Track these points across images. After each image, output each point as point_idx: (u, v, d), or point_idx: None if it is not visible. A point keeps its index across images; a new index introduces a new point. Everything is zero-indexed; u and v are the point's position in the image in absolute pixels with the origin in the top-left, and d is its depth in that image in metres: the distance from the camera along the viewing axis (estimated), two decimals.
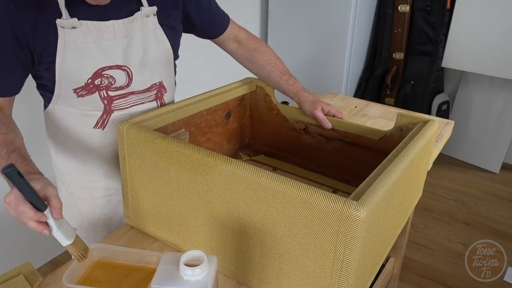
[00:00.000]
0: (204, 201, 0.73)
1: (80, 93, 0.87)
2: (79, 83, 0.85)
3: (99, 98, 0.88)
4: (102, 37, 0.84)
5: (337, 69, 2.54)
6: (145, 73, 0.92)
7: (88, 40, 0.82)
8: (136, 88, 0.92)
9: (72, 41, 0.81)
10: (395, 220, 0.79)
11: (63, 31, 0.79)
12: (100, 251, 0.77)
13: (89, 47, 0.83)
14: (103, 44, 0.84)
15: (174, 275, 0.57)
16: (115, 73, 0.87)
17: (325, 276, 0.63)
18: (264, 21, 2.79)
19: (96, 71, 0.85)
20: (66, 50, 0.81)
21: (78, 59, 0.82)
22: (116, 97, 0.90)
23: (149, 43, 0.90)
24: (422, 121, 0.91)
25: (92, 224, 1.04)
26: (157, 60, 0.94)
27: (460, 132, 2.79)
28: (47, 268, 1.84)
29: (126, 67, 0.88)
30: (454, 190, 2.56)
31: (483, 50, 2.44)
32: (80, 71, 0.84)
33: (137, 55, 0.89)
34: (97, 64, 0.85)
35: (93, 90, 0.87)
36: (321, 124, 1.02)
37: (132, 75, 0.90)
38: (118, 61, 0.87)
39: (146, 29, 0.89)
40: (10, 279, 0.73)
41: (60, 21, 0.78)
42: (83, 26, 0.81)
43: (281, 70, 1.10)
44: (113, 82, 0.88)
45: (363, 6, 2.45)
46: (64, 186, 1.02)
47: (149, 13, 0.89)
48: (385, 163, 0.72)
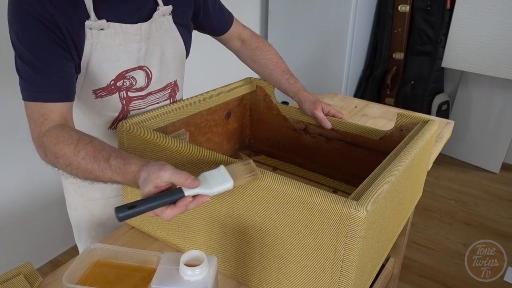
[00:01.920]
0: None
1: (99, 94, 0.86)
2: (101, 85, 0.85)
3: (119, 98, 0.89)
4: (129, 39, 0.84)
5: (337, 69, 2.54)
6: (162, 73, 0.93)
7: (115, 42, 0.82)
8: (154, 88, 0.93)
9: (99, 43, 0.80)
10: (395, 220, 0.79)
11: (91, 33, 0.79)
12: (100, 251, 0.77)
13: (116, 49, 0.83)
14: (129, 46, 0.84)
15: (174, 275, 0.57)
16: (136, 74, 0.88)
17: (325, 276, 0.63)
18: (264, 21, 2.79)
19: (120, 73, 0.85)
20: (93, 51, 0.80)
21: (104, 61, 0.82)
22: (135, 98, 0.91)
23: (166, 42, 0.91)
24: (422, 121, 0.91)
25: (102, 224, 1.04)
26: (173, 59, 0.94)
27: (460, 132, 2.79)
28: (47, 268, 1.84)
29: (146, 67, 0.89)
30: (454, 190, 2.56)
31: (483, 50, 2.44)
32: (105, 73, 0.83)
33: (156, 55, 0.90)
34: (122, 66, 0.85)
35: (114, 91, 0.87)
36: (321, 124, 1.02)
37: (152, 75, 0.91)
38: (140, 62, 0.87)
39: (162, 28, 0.89)
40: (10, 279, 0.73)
41: (89, 23, 0.78)
42: (110, 28, 0.81)
43: (282, 69, 1.11)
44: (134, 83, 0.89)
45: (363, 6, 2.45)
46: (74, 187, 1.01)
47: (165, 12, 0.89)
48: (385, 163, 0.72)
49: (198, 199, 0.61)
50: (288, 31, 2.64)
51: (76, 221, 1.06)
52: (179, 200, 0.59)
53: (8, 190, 1.64)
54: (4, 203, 1.64)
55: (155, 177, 0.60)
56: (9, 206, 1.66)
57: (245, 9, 2.63)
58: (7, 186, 1.63)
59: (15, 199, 1.67)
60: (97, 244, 0.77)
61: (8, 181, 1.63)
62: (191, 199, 0.60)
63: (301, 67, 2.60)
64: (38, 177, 1.72)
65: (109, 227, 1.04)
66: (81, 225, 1.04)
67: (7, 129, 1.56)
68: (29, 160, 1.66)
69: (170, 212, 0.59)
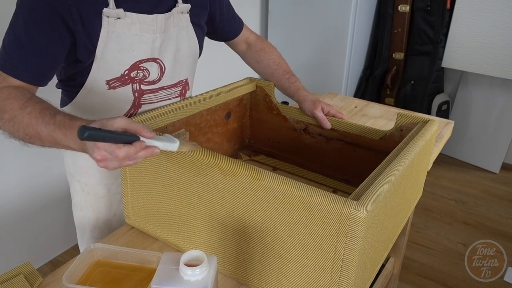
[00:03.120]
0: (204, 201, 0.73)
1: (112, 85, 0.87)
2: (115, 74, 0.86)
3: (131, 90, 0.89)
4: (144, 29, 0.85)
5: (337, 69, 2.53)
6: (176, 69, 0.95)
7: (131, 31, 0.83)
8: (166, 83, 0.95)
9: (115, 31, 0.81)
10: (395, 220, 0.79)
11: (108, 21, 0.79)
12: (100, 251, 0.77)
13: (131, 39, 0.84)
14: (144, 36, 0.85)
15: (174, 275, 0.57)
16: (150, 65, 0.89)
17: (325, 276, 0.63)
18: (264, 21, 2.79)
19: (134, 63, 0.86)
20: (108, 40, 0.81)
21: (119, 50, 0.83)
22: (147, 91, 0.92)
23: (181, 39, 0.93)
24: (422, 121, 0.91)
25: (107, 222, 1.04)
26: (187, 57, 0.96)
27: (460, 132, 2.79)
28: (47, 268, 1.84)
29: (159, 60, 0.90)
30: (454, 190, 2.56)
31: (483, 50, 2.44)
32: (119, 62, 0.84)
33: (171, 50, 0.91)
34: (136, 56, 0.86)
35: (127, 82, 0.88)
36: (321, 124, 1.03)
37: (165, 69, 0.92)
38: (154, 54, 0.88)
39: (179, 25, 0.91)
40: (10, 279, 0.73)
41: (107, 11, 0.79)
42: (127, 18, 0.81)
43: (284, 69, 1.13)
44: (147, 76, 0.90)
45: (363, 6, 2.45)
46: (81, 185, 1.02)
47: (184, 10, 0.91)
48: (385, 163, 0.72)
49: (150, 148, 0.63)
50: (288, 31, 2.64)
51: (80, 222, 1.06)
52: (134, 142, 0.61)
53: (8, 190, 1.64)
54: (4, 203, 1.64)
55: (110, 123, 0.61)
56: (9, 206, 1.66)
57: (245, 9, 2.63)
58: (7, 186, 1.63)
59: (15, 199, 1.67)
60: (97, 244, 0.77)
61: (8, 181, 1.63)
62: (145, 145, 0.62)
63: (301, 67, 2.60)
64: (38, 177, 1.72)
65: (114, 224, 1.04)
66: (85, 225, 1.05)
67: None
68: (29, 160, 1.66)
69: (125, 150, 0.59)
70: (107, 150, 0.60)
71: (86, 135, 0.55)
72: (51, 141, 0.68)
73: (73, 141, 0.65)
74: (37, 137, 0.69)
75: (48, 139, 0.68)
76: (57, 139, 0.67)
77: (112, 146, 0.59)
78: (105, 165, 0.62)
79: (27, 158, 1.65)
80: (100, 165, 0.62)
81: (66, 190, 1.08)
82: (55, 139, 0.67)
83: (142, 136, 0.62)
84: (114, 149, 0.59)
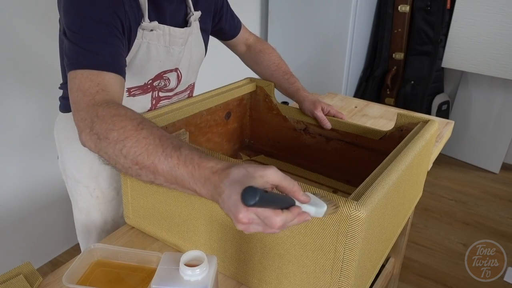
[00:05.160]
0: (204, 201, 0.73)
1: (133, 93, 0.87)
2: (139, 83, 0.86)
3: (150, 98, 0.90)
4: (173, 42, 0.85)
5: (337, 69, 2.53)
6: (188, 75, 0.97)
7: (160, 43, 0.83)
8: (179, 89, 0.97)
9: (146, 43, 0.81)
10: (395, 220, 0.79)
11: (142, 33, 0.79)
12: (100, 251, 0.77)
13: (159, 50, 0.84)
14: (172, 48, 0.86)
15: (174, 275, 0.57)
16: (171, 75, 0.90)
17: (325, 276, 0.63)
18: (264, 21, 2.79)
19: (159, 73, 0.87)
20: (139, 50, 0.81)
21: (147, 60, 0.83)
22: (163, 97, 0.93)
23: (193, 46, 0.94)
24: (422, 121, 0.91)
25: (115, 224, 1.04)
26: (197, 63, 0.99)
27: (460, 132, 2.79)
28: (47, 268, 1.84)
29: (178, 70, 0.92)
30: (454, 190, 2.56)
31: (483, 50, 2.44)
32: (145, 72, 0.85)
33: (187, 58, 0.93)
34: (162, 67, 0.87)
35: (149, 90, 0.89)
36: (321, 124, 1.03)
37: (181, 77, 0.94)
38: (177, 64, 0.90)
39: (193, 33, 0.92)
40: (10, 279, 0.73)
41: (145, 24, 0.78)
42: (159, 30, 0.82)
43: (283, 70, 1.14)
44: (168, 84, 0.91)
45: (363, 6, 2.45)
46: (89, 190, 1.00)
47: (196, 17, 0.92)
48: (385, 163, 0.72)
49: (302, 216, 0.50)
50: (288, 32, 2.64)
51: (85, 226, 1.04)
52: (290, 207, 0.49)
53: (8, 190, 1.64)
54: (4, 203, 1.64)
55: (259, 175, 0.48)
56: (9, 206, 1.66)
57: (245, 9, 2.63)
58: (7, 186, 1.63)
59: (15, 199, 1.67)
60: (97, 244, 0.77)
61: (8, 181, 1.63)
62: (301, 211, 0.50)
63: (301, 67, 2.60)
64: (38, 177, 1.72)
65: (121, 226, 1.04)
66: (91, 230, 1.04)
67: (7, 129, 1.56)
68: (29, 160, 1.66)
69: (283, 218, 0.47)
70: (261, 215, 0.47)
71: (258, 200, 0.42)
72: (169, 178, 0.54)
73: (202, 185, 0.51)
74: (150, 169, 0.55)
75: (165, 175, 0.54)
76: (178, 178, 0.53)
77: (269, 211, 0.46)
78: (246, 228, 0.48)
79: (27, 158, 1.65)
80: (239, 227, 0.48)
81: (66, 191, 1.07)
82: (175, 177, 0.53)
83: (297, 200, 0.50)
84: (271, 215, 0.46)
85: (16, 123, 1.57)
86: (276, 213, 0.47)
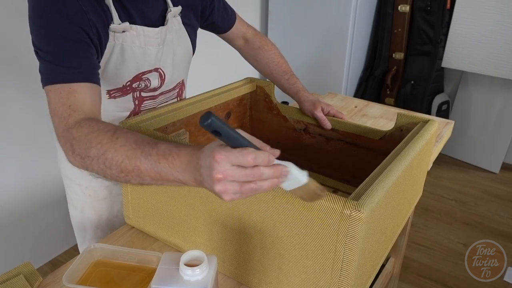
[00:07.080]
0: (204, 201, 0.73)
1: (113, 95, 0.86)
2: (117, 85, 0.84)
3: (132, 99, 0.89)
4: (149, 42, 0.83)
5: (337, 69, 2.54)
6: (174, 74, 0.94)
7: (135, 44, 0.81)
8: (165, 88, 0.94)
9: (119, 44, 0.79)
10: (395, 220, 0.79)
11: (114, 35, 0.78)
12: (100, 251, 0.77)
13: (135, 51, 0.82)
14: (148, 49, 0.84)
15: (174, 275, 0.57)
16: (152, 76, 0.88)
17: (325, 276, 0.63)
18: (264, 21, 2.79)
19: (137, 75, 0.85)
20: (112, 53, 0.79)
21: (122, 62, 0.81)
22: (147, 98, 0.91)
23: (176, 43, 0.92)
24: (422, 121, 0.91)
25: (110, 223, 1.04)
26: (183, 60, 0.96)
27: (460, 132, 2.79)
28: (47, 268, 1.84)
29: (160, 69, 0.90)
30: (454, 190, 2.56)
31: (483, 50, 2.44)
32: (122, 74, 0.83)
33: (169, 57, 0.90)
34: (140, 68, 0.85)
35: (128, 92, 0.87)
36: (321, 124, 1.03)
37: (165, 76, 0.91)
38: (156, 64, 0.87)
39: (173, 29, 0.90)
40: (10, 279, 0.73)
41: (114, 26, 0.77)
42: (132, 31, 0.80)
43: (283, 69, 1.12)
44: (149, 85, 0.89)
45: (363, 6, 2.45)
46: (81, 188, 1.00)
47: (176, 13, 0.89)
48: (385, 163, 0.72)
49: (279, 167, 0.51)
50: (288, 31, 2.64)
51: (80, 223, 1.05)
52: None
53: (8, 190, 1.64)
54: (4, 203, 1.64)
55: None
56: (9, 206, 1.66)
57: (245, 9, 2.63)
58: (7, 186, 1.63)
59: (15, 199, 1.67)
60: (97, 244, 0.77)
61: (8, 181, 1.63)
62: (273, 160, 0.51)
63: (301, 67, 2.60)
64: (38, 177, 1.72)
65: (117, 225, 1.04)
66: (86, 226, 1.04)
67: (7, 129, 1.56)
68: (29, 160, 1.66)
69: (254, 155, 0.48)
70: (231, 159, 0.48)
71: (210, 121, 0.45)
72: (153, 175, 0.56)
73: (184, 171, 0.53)
74: (135, 172, 0.57)
75: (149, 174, 0.57)
76: (161, 172, 0.55)
77: (237, 152, 0.48)
78: (224, 188, 0.49)
79: (27, 158, 1.65)
80: (217, 188, 0.49)
81: None
82: (159, 172, 0.56)
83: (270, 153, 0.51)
84: (241, 153, 0.47)
85: (16, 123, 1.57)
86: (247, 150, 0.48)
